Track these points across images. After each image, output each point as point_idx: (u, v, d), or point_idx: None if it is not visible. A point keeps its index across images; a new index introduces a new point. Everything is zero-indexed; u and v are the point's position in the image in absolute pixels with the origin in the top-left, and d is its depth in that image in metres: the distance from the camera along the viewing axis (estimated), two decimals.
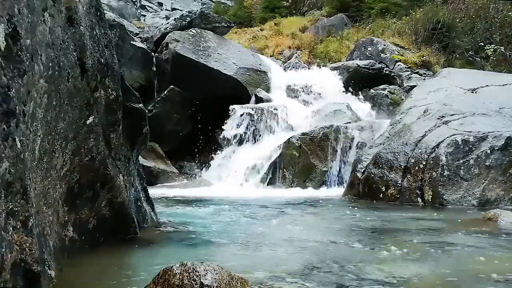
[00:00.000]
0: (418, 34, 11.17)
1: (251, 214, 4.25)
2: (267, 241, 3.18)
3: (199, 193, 5.94)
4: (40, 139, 1.98)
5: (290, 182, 6.75)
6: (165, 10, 20.96)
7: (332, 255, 2.73)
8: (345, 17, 13.66)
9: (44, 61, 1.93)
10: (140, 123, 3.25)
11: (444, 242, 3.05)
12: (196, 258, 2.36)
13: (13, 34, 1.60)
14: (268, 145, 7.41)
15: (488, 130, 5.13)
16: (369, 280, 2.17)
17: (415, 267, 2.42)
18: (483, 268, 2.42)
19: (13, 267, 1.54)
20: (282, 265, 2.47)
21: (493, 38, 10.64)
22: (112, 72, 2.78)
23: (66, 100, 2.26)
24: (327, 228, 3.63)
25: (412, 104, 6.37)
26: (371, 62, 9.89)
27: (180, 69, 8.12)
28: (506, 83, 6.34)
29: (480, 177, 4.85)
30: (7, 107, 1.54)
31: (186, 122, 8.23)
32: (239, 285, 1.91)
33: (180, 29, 8.67)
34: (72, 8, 2.33)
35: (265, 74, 8.92)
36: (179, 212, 4.35)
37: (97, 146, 2.59)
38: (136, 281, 2.15)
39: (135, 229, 2.97)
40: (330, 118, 7.70)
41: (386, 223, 3.84)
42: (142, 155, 6.01)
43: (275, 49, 12.48)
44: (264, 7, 15.54)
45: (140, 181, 3.45)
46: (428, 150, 5.09)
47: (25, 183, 1.62)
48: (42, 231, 1.94)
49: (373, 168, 5.42)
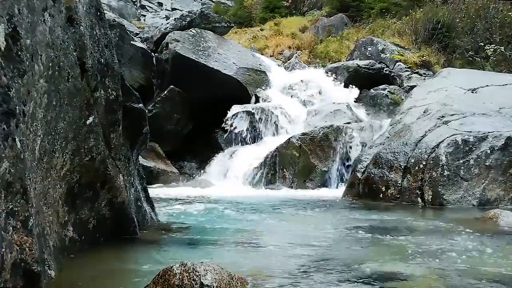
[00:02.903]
0: (418, 34, 11.17)
1: (251, 214, 4.25)
2: (266, 241, 3.18)
3: (199, 193, 5.93)
4: (40, 139, 1.98)
5: (290, 182, 6.75)
6: (165, 10, 20.95)
7: (332, 255, 2.73)
8: (345, 17, 13.65)
9: (44, 61, 1.93)
10: (140, 123, 3.25)
11: (444, 241, 3.05)
12: (196, 258, 2.36)
13: (13, 34, 1.60)
14: (268, 145, 7.40)
15: (488, 130, 5.13)
16: (369, 280, 2.17)
17: (415, 267, 2.42)
18: (483, 267, 2.42)
19: (13, 267, 1.54)
20: (282, 265, 2.47)
21: (493, 38, 10.63)
22: (112, 72, 2.78)
23: (66, 100, 2.26)
24: (327, 228, 3.63)
25: (412, 104, 6.36)
26: (371, 62, 9.88)
27: (180, 69, 8.12)
28: (506, 83, 6.33)
29: (480, 177, 4.85)
30: (7, 107, 1.54)
31: (186, 122, 8.23)
32: (239, 285, 1.91)
33: (180, 29, 8.66)
34: (72, 8, 2.33)
35: (265, 74, 8.92)
36: (179, 212, 4.35)
37: (97, 146, 2.59)
38: (136, 281, 2.15)
39: (135, 229, 2.97)
40: (330, 118, 7.70)
41: (386, 223, 3.83)
42: (142, 155, 6.01)
43: (275, 49, 12.47)
44: (264, 7, 15.53)
45: (140, 181, 3.45)
46: (428, 150, 5.09)
47: (25, 183, 1.62)
48: (42, 231, 1.94)
49: (373, 168, 5.42)
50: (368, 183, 5.43)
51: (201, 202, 5.09)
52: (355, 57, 10.73)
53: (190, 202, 5.09)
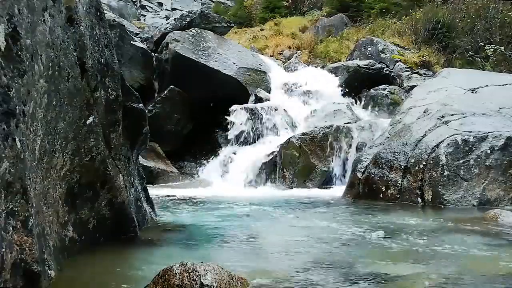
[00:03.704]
0: (418, 34, 11.16)
1: (251, 214, 4.25)
2: (266, 241, 3.19)
3: (199, 193, 5.93)
4: (40, 139, 1.98)
5: (290, 182, 6.75)
6: (165, 10, 20.94)
7: (332, 255, 2.73)
8: (345, 17, 13.64)
9: (44, 61, 1.93)
10: (140, 123, 3.26)
11: (445, 241, 3.05)
12: (196, 258, 2.36)
13: (13, 34, 1.60)
14: (268, 145, 7.40)
15: (488, 130, 5.13)
16: (370, 280, 2.17)
17: (415, 267, 2.43)
18: (483, 267, 2.42)
19: (13, 267, 1.54)
20: (282, 265, 2.47)
21: (493, 38, 10.62)
22: (112, 72, 2.78)
23: (66, 100, 2.26)
24: (327, 228, 3.63)
25: (412, 104, 6.36)
26: (371, 62, 9.87)
27: (180, 69, 8.11)
28: (506, 83, 6.33)
29: (480, 177, 4.85)
30: (7, 107, 1.54)
31: (186, 122, 8.22)
32: (239, 285, 1.91)
33: (180, 29, 8.65)
34: (72, 8, 2.33)
35: (265, 74, 8.91)
36: (179, 212, 4.35)
37: (97, 146, 2.59)
38: (136, 281, 2.15)
39: (135, 229, 2.97)
40: (330, 118, 7.70)
41: (386, 223, 3.83)
42: (142, 155, 6.00)
43: (275, 49, 12.46)
44: (264, 7, 15.52)
45: (140, 181, 3.45)
46: (428, 150, 5.09)
47: (25, 183, 1.62)
48: (42, 231, 1.94)
49: (373, 168, 5.42)
50: (368, 183, 5.43)
51: (201, 202, 5.09)
52: (355, 57, 10.72)
53: (190, 202, 5.09)
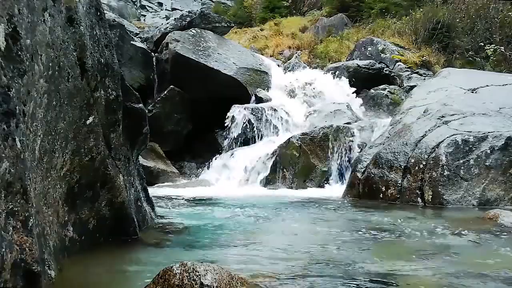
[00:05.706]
0: (418, 34, 11.17)
1: (250, 214, 4.25)
2: (267, 241, 3.18)
3: (199, 193, 5.93)
4: (40, 139, 1.98)
5: (290, 182, 6.75)
6: (165, 10, 20.96)
7: (332, 255, 2.73)
8: (345, 17, 13.65)
9: (44, 61, 1.93)
10: (140, 123, 3.25)
11: (445, 241, 3.06)
12: (196, 258, 2.36)
13: (13, 34, 1.60)
14: (268, 145, 7.40)
15: (488, 130, 5.13)
16: (370, 280, 2.17)
17: (415, 267, 2.43)
18: (483, 267, 2.42)
19: (13, 267, 1.54)
20: (282, 265, 2.47)
21: (493, 38, 10.63)
22: (112, 72, 2.78)
23: (66, 100, 2.26)
24: (327, 228, 3.63)
25: (412, 104, 6.36)
26: (371, 62, 9.88)
27: (180, 69, 8.12)
28: (506, 83, 6.33)
29: (480, 177, 4.85)
30: (7, 107, 1.54)
31: (186, 122, 8.22)
32: (239, 285, 1.91)
33: (180, 29, 8.65)
34: (72, 8, 2.33)
35: (265, 74, 8.91)
36: (179, 212, 4.35)
37: (97, 146, 2.59)
38: (136, 281, 2.15)
39: (135, 229, 2.97)
40: (330, 118, 7.70)
41: (386, 223, 3.84)
42: (142, 155, 6.01)
43: (275, 49, 12.47)
44: (264, 7, 15.53)
45: (140, 181, 3.45)
46: (428, 150, 5.09)
47: (25, 183, 1.62)
48: (42, 231, 1.94)
49: (373, 168, 5.42)
50: (368, 183, 5.43)
51: (201, 202, 5.09)
52: (355, 57, 10.73)
53: (190, 202, 5.09)
